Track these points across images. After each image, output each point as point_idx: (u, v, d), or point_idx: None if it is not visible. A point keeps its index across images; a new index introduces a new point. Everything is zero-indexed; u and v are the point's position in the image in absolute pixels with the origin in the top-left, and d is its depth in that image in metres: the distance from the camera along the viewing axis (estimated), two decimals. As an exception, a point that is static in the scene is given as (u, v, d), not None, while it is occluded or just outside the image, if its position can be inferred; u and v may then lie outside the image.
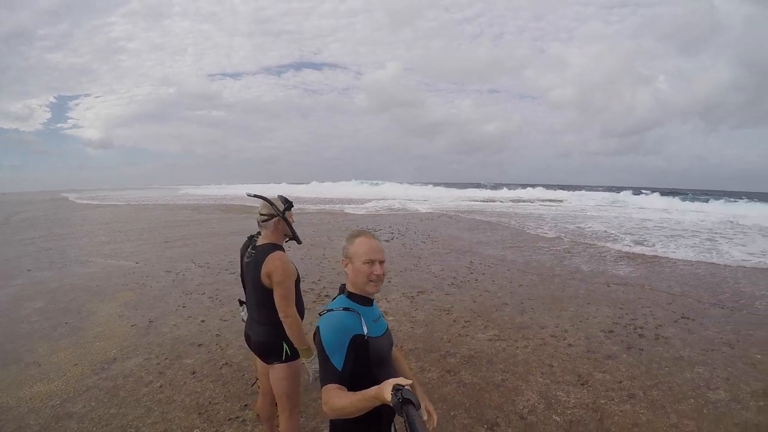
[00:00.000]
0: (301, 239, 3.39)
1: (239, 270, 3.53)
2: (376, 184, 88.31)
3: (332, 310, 2.11)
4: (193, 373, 5.30)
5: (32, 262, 12.56)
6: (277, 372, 3.16)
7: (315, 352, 3.04)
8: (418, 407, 1.59)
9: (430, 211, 29.23)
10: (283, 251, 3.17)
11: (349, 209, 30.87)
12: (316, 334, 2.05)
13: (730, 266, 11.58)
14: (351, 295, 2.19)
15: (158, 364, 5.60)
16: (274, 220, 3.19)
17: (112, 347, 6.16)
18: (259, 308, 3.17)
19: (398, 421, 1.92)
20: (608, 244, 14.86)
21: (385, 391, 1.70)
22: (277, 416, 3.43)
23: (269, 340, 3.13)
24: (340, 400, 1.85)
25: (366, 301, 2.20)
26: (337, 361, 1.95)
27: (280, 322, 3.05)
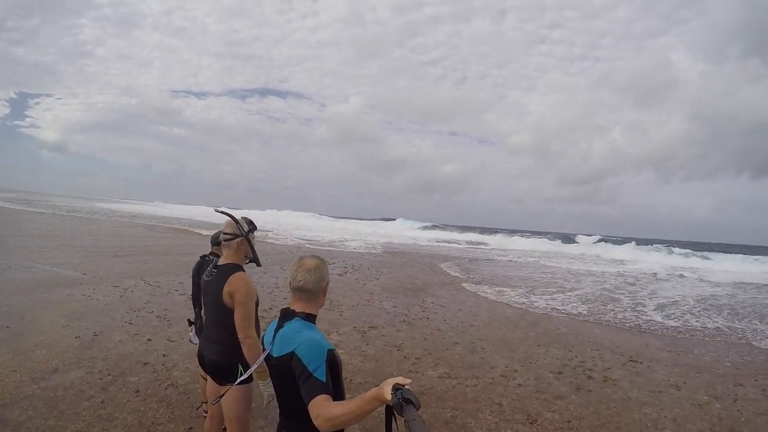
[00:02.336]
0: (261, 263, 3.36)
1: (191, 290, 3.44)
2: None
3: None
4: (137, 392, 5.06)
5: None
6: (231, 393, 3.04)
7: (269, 378, 2.94)
8: (418, 407, 1.59)
9: (380, 249, 29.20)
10: (245, 272, 3.13)
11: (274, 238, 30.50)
12: (292, 356, 1.98)
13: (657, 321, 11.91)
14: (307, 317, 2.16)
15: (101, 379, 5.33)
16: (237, 240, 3.15)
17: (54, 357, 5.87)
18: (218, 328, 3.10)
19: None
20: (556, 295, 15.08)
21: (385, 391, 1.67)
22: None
23: (225, 361, 3.06)
24: (336, 408, 1.78)
25: (314, 320, 2.21)
26: (320, 374, 1.90)
27: (238, 342, 2.96)
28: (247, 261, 3.28)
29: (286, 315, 2.18)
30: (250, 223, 3.26)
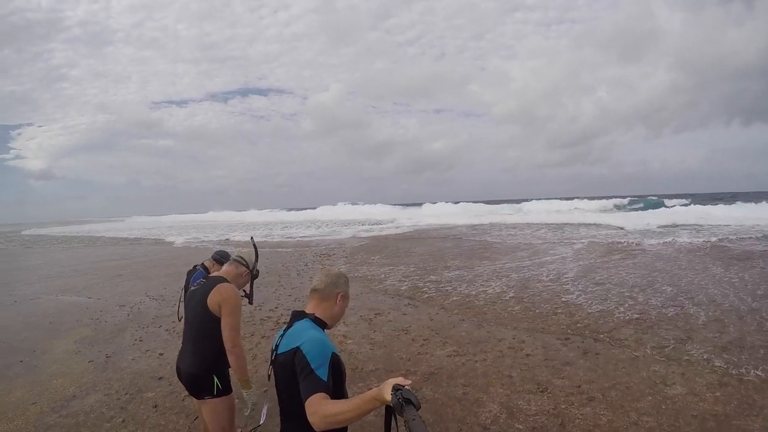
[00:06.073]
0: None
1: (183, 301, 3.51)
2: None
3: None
4: (155, 407, 5.14)
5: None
6: (211, 407, 3.10)
7: (253, 387, 3.11)
8: (418, 407, 1.58)
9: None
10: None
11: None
12: (297, 351, 2.01)
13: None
14: (316, 319, 2.20)
15: (119, 399, 5.40)
16: (244, 270, 3.31)
17: (71, 384, 5.93)
18: (197, 338, 3.10)
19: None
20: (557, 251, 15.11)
21: (385, 391, 1.67)
22: None
23: (200, 373, 3.06)
24: (334, 406, 1.79)
25: (324, 326, 2.24)
26: (322, 373, 1.91)
27: (216, 353, 3.01)
28: (242, 295, 3.36)
29: (297, 315, 2.23)
30: (258, 274, 3.47)
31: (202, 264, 4.50)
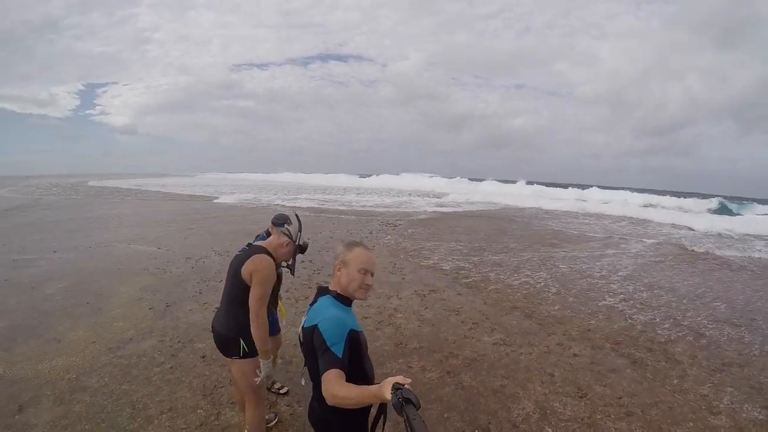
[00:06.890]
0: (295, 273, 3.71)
1: None
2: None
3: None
4: (203, 357, 5.49)
5: (58, 244, 12.93)
6: (238, 367, 3.28)
7: (271, 357, 3.24)
8: (418, 407, 1.62)
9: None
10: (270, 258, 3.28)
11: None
12: (315, 329, 2.10)
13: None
14: (338, 296, 2.28)
15: (171, 346, 5.80)
16: (285, 239, 3.38)
17: (129, 328, 6.40)
18: (229, 302, 3.28)
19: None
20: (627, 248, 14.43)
21: (385, 390, 1.74)
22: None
23: (230, 335, 3.23)
24: (342, 389, 1.89)
25: (349, 302, 2.30)
26: (338, 350, 2.02)
27: (245, 319, 3.15)
28: (284, 265, 3.57)
29: (321, 291, 2.35)
30: (305, 245, 3.55)
31: (267, 229, 4.69)
